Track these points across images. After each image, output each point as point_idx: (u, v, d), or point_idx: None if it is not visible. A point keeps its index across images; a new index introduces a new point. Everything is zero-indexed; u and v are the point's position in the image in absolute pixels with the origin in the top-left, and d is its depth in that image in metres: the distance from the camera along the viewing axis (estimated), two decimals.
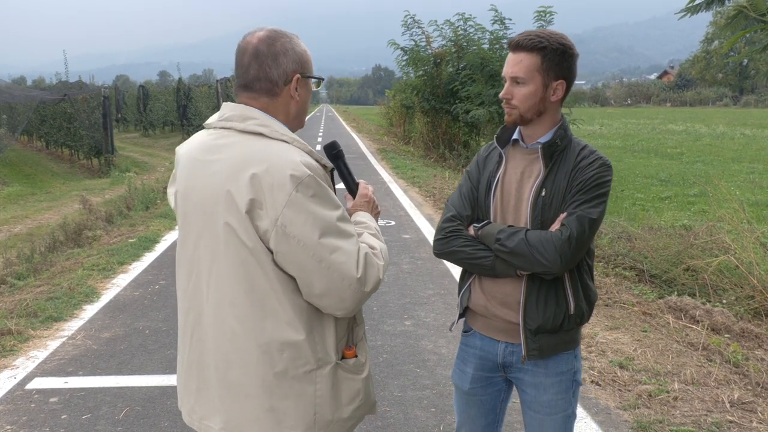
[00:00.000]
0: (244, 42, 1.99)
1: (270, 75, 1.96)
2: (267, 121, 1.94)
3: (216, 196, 1.87)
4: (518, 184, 2.41)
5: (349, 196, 2.29)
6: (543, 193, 2.33)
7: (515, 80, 2.32)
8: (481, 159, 2.57)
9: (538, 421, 2.50)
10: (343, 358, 2.00)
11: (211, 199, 1.89)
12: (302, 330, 1.87)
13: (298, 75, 1.98)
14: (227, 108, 2.00)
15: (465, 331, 2.64)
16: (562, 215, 2.29)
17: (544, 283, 2.35)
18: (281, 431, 1.90)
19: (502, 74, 2.39)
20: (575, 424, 4.02)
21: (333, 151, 2.28)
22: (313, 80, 2.08)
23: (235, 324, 1.88)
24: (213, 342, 1.93)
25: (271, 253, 1.84)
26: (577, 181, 2.30)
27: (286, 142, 1.91)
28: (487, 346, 2.52)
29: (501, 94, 2.38)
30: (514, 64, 2.32)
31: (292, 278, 1.86)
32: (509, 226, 2.36)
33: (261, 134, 1.91)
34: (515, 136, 2.46)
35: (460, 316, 2.62)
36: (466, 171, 2.61)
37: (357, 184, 2.29)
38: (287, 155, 1.85)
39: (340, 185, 2.27)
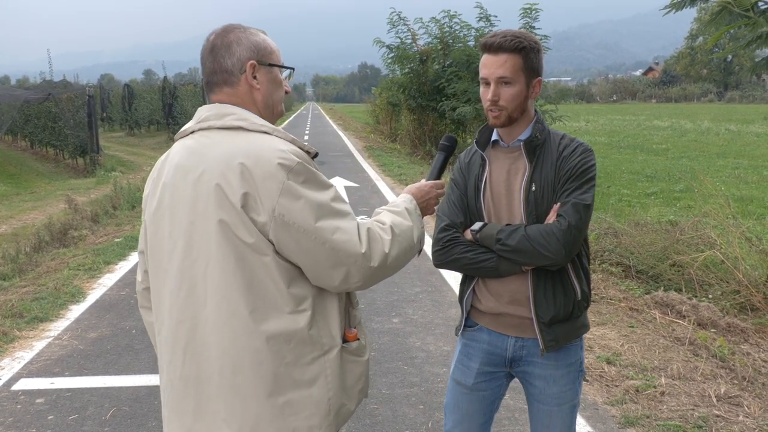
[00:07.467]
0: (205, 42, 2.01)
1: (225, 65, 1.96)
2: (244, 114, 1.94)
3: (206, 196, 1.84)
4: (506, 183, 2.44)
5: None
6: (533, 188, 2.37)
7: (502, 81, 2.34)
8: (463, 165, 2.59)
9: (547, 413, 2.53)
10: (345, 341, 2.00)
11: (201, 201, 1.85)
12: (307, 317, 1.87)
13: (252, 62, 1.97)
14: (203, 110, 1.99)
15: (469, 326, 2.61)
16: (556, 206, 2.33)
17: (549, 274, 2.38)
18: (299, 423, 1.88)
19: (482, 76, 2.39)
20: None
21: (447, 143, 2.43)
22: (281, 70, 2.06)
23: (237, 324, 1.84)
24: (216, 349, 1.86)
25: (272, 244, 1.83)
26: (565, 170, 2.35)
27: (267, 132, 1.91)
28: (496, 340, 2.53)
29: (488, 96, 2.36)
30: (498, 66, 2.33)
31: (293, 267, 1.86)
32: (507, 225, 2.38)
33: (241, 128, 1.90)
34: (494, 137, 2.50)
35: (466, 319, 2.61)
36: (450, 179, 2.62)
37: (436, 180, 2.36)
38: (272, 145, 1.85)
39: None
